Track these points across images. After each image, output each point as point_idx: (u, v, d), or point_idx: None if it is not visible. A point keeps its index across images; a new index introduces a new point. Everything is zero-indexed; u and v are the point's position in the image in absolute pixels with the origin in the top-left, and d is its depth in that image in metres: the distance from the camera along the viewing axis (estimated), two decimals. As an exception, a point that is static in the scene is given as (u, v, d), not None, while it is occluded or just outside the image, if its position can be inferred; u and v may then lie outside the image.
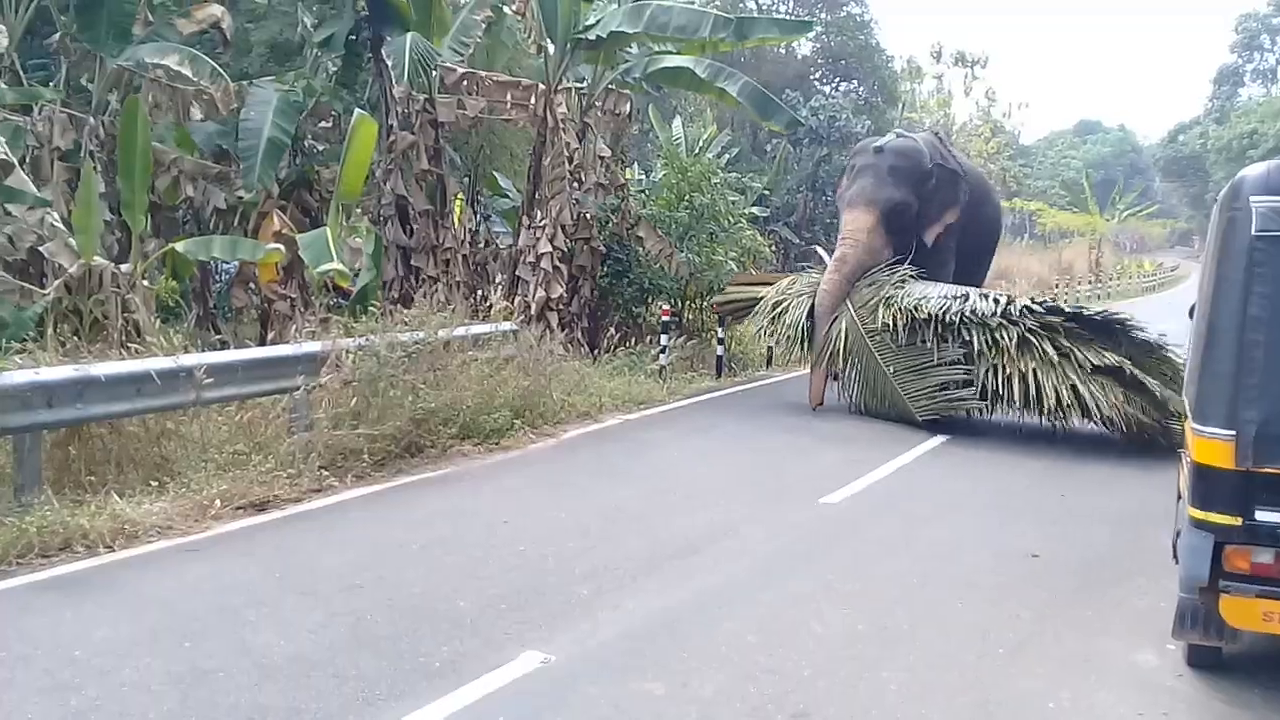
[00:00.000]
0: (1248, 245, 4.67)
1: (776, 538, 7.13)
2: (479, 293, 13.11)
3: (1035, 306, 11.06)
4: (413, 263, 12.63)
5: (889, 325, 11.42)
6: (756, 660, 5.03)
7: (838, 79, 34.58)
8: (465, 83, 13.35)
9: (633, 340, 14.21)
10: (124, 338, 8.72)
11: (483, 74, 13.67)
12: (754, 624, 5.50)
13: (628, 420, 10.95)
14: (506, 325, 11.41)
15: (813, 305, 12.39)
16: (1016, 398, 10.57)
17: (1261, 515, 4.60)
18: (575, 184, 13.59)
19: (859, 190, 12.68)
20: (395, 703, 4.50)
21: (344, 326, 9.37)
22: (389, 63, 11.95)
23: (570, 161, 13.49)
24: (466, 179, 15.79)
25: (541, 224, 13.15)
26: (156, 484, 7.35)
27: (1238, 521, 4.63)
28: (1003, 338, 10.74)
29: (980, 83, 52.73)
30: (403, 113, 12.62)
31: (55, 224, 9.48)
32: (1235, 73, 72.19)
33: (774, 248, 24.17)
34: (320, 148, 13.35)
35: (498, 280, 13.76)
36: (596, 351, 13.53)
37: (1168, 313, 14.42)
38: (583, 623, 5.45)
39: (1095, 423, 10.57)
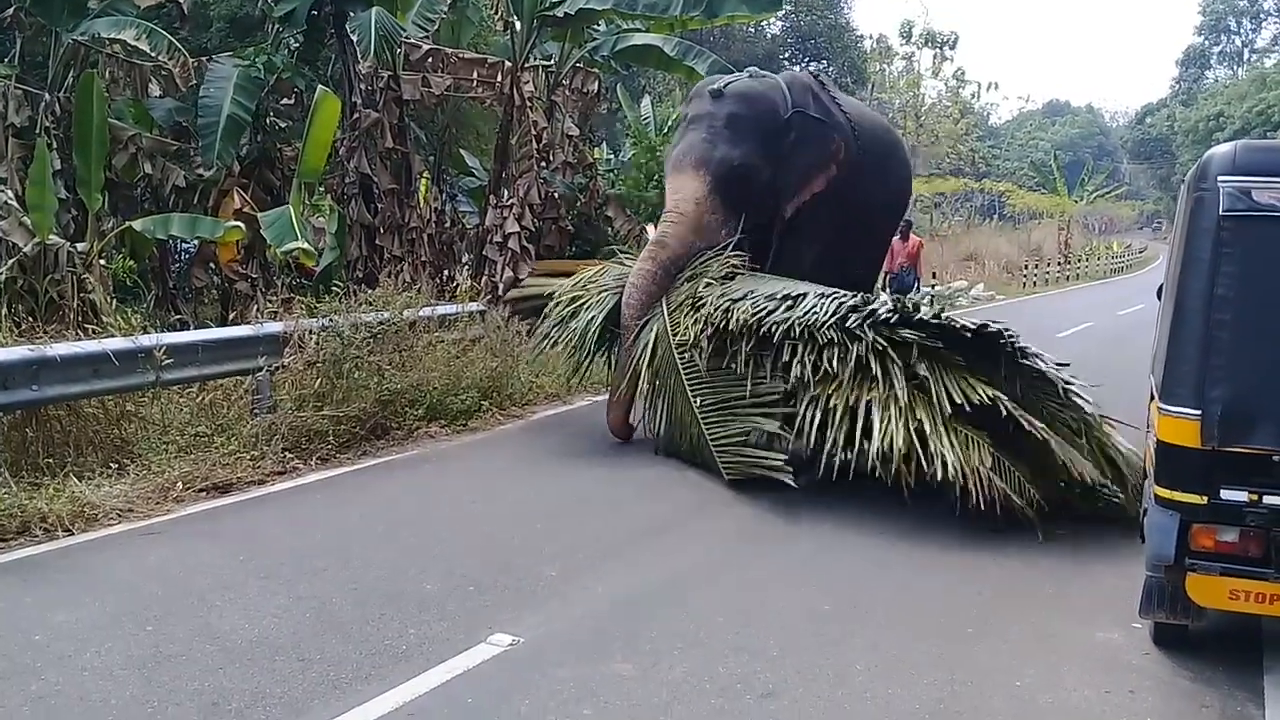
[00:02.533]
0: (1215, 225, 4.68)
1: (744, 519, 7.12)
2: (445, 273, 13.00)
3: (886, 313, 7.55)
4: (377, 242, 12.48)
5: (689, 340, 8.26)
6: (725, 639, 5.01)
7: (807, 58, 34.66)
8: (430, 60, 13.19)
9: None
10: (80, 318, 8.56)
11: (448, 51, 13.51)
12: (721, 604, 5.48)
13: (596, 402, 10.88)
14: (473, 306, 11.33)
15: (618, 306, 9.09)
16: (837, 439, 7.25)
17: (1227, 494, 4.63)
18: (543, 163, 13.46)
19: (687, 148, 9.27)
20: (362, 686, 4.45)
21: (307, 307, 9.25)
22: (353, 38, 11.75)
23: (538, 140, 13.35)
24: (432, 157, 15.64)
25: (509, 203, 13.02)
26: (116, 466, 7.25)
27: (1203, 500, 4.66)
28: (833, 359, 7.44)
29: (950, 63, 52.82)
30: (366, 90, 12.44)
31: (9, 202, 9.28)
32: (1202, 55, 72.86)
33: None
34: (282, 125, 13.13)
35: (464, 260, 13.64)
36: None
37: (1137, 294, 14.54)
38: (551, 604, 5.42)
39: (944, 486, 6.85)
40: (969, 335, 7.29)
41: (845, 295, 7.97)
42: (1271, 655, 5.05)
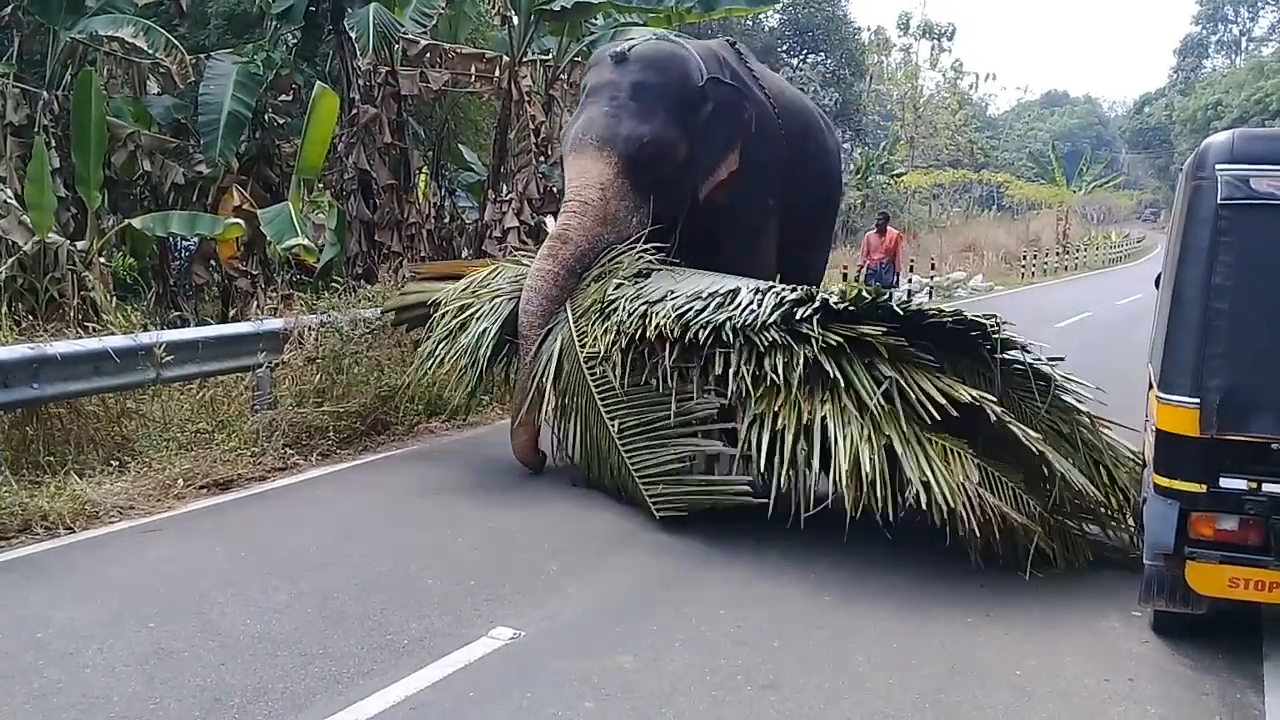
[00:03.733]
0: (1213, 214, 4.69)
1: (743, 512, 7.11)
2: (445, 268, 12.98)
3: (842, 304, 6.41)
4: (376, 238, 12.48)
5: (600, 352, 7.04)
6: (727, 632, 5.02)
7: (805, 51, 34.61)
8: (428, 55, 13.18)
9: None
10: (80, 316, 8.58)
11: (446, 46, 13.50)
12: (724, 598, 5.49)
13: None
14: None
15: (515, 313, 7.68)
16: (791, 461, 6.02)
17: (1226, 482, 4.64)
18: (541, 157, 13.44)
19: (587, 124, 7.90)
20: (363, 681, 4.46)
21: (306, 303, 9.25)
22: (350, 34, 11.74)
23: (536, 135, 13.34)
24: (431, 153, 15.62)
25: (507, 198, 13.02)
26: (117, 464, 7.25)
27: (1202, 489, 4.68)
28: (778, 366, 6.20)
29: (948, 54, 52.79)
30: (365, 86, 12.44)
31: (9, 200, 9.29)
32: (1200, 43, 72.77)
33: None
34: (281, 121, 13.14)
35: (464, 255, 13.64)
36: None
37: (1135, 284, 14.52)
38: (552, 599, 5.43)
39: (926, 516, 5.83)
40: (946, 326, 6.27)
41: (787, 289, 6.75)
42: (1271, 643, 5.07)
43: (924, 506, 5.66)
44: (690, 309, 6.75)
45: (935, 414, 5.78)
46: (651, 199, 7.88)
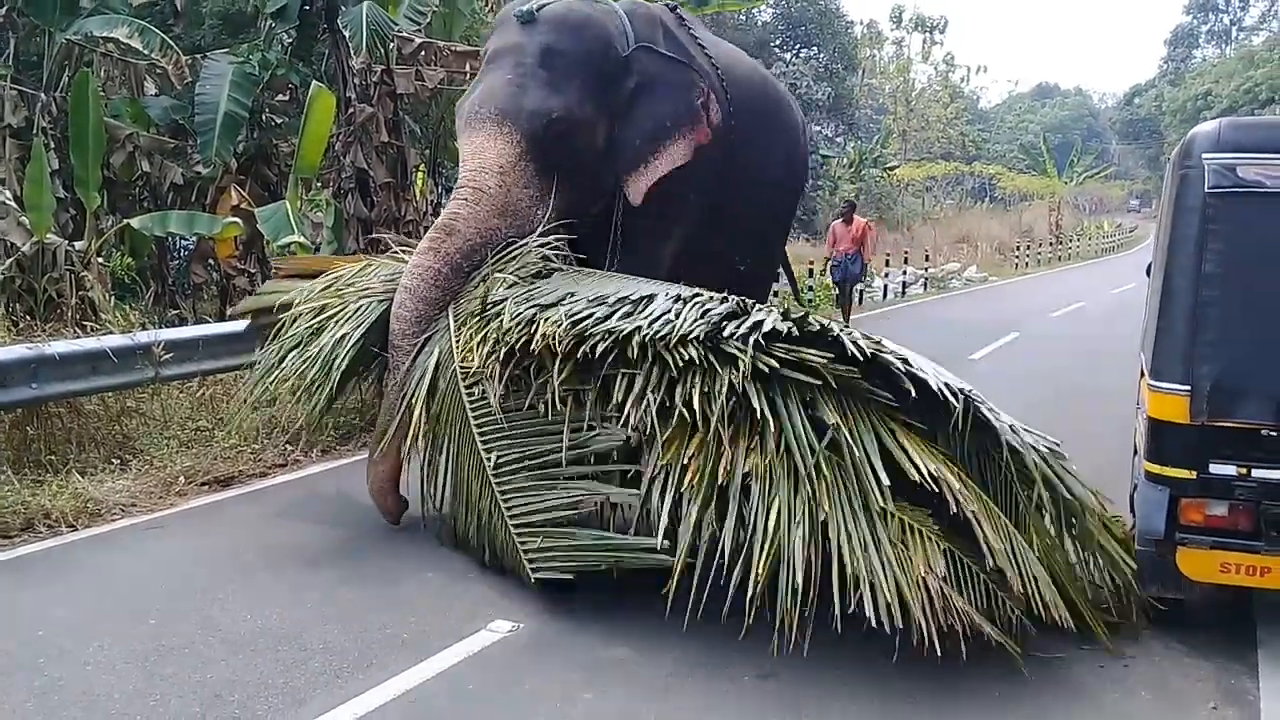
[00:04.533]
0: (1201, 202, 4.72)
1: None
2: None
3: (783, 324, 5.03)
4: (374, 236, 12.50)
5: (479, 367, 5.65)
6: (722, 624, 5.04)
7: (798, 45, 34.60)
8: (423, 53, 13.17)
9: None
10: (79, 316, 8.61)
11: (441, 44, 13.49)
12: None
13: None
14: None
15: (385, 319, 6.30)
16: (695, 534, 4.69)
17: (1216, 468, 4.67)
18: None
19: (486, 95, 6.57)
20: (363, 674, 4.50)
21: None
22: (345, 33, 11.75)
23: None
24: (428, 151, 15.63)
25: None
26: (119, 462, 7.30)
27: (1192, 475, 4.71)
28: (693, 396, 4.86)
29: (939, 48, 52.93)
30: (360, 84, 12.44)
31: (7, 202, 9.33)
32: (1190, 34, 72.83)
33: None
34: (278, 121, 13.16)
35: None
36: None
37: (1128, 273, 14.57)
38: (551, 590, 5.45)
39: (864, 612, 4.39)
40: (907, 374, 4.82)
41: (717, 298, 5.47)
42: (1265, 627, 5.11)
43: (868, 608, 4.31)
44: (590, 315, 5.42)
45: (886, 480, 4.52)
46: (562, 189, 6.56)
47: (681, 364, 4.99)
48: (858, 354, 4.85)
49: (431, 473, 5.97)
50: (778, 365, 4.78)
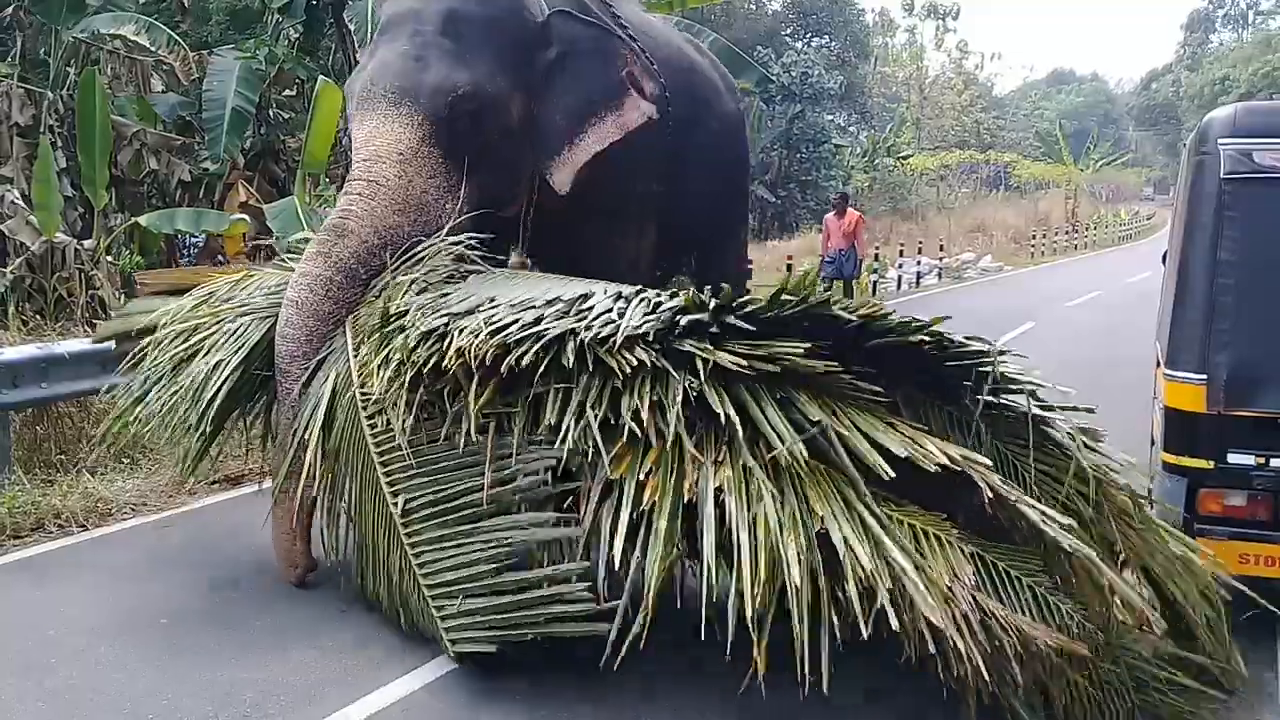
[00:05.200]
0: (1217, 189, 4.67)
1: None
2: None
3: (740, 312, 4.08)
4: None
5: (382, 393, 4.68)
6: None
7: (809, 34, 34.50)
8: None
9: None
10: (89, 314, 8.62)
11: (448, 37, 13.48)
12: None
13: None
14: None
15: (270, 339, 5.29)
16: (663, 563, 3.78)
17: (1234, 458, 4.62)
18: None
19: (380, 70, 5.63)
20: (376, 672, 4.47)
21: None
22: (351, 27, 11.75)
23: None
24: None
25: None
26: (129, 461, 7.29)
27: (1210, 465, 4.66)
28: (641, 406, 3.99)
29: (952, 35, 52.71)
30: (367, 79, 12.43)
31: (16, 201, 9.37)
32: (1206, 18, 72.26)
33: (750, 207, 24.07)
34: (285, 116, 13.17)
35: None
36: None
37: (1145, 261, 14.44)
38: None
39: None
40: (913, 347, 4.06)
41: (665, 293, 4.52)
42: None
43: (895, 628, 3.48)
44: (515, 321, 4.41)
45: (890, 472, 3.68)
46: (474, 178, 5.62)
47: (629, 370, 4.07)
48: (851, 320, 3.99)
49: (332, 522, 5.08)
50: (745, 364, 3.89)
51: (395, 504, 4.57)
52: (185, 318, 5.56)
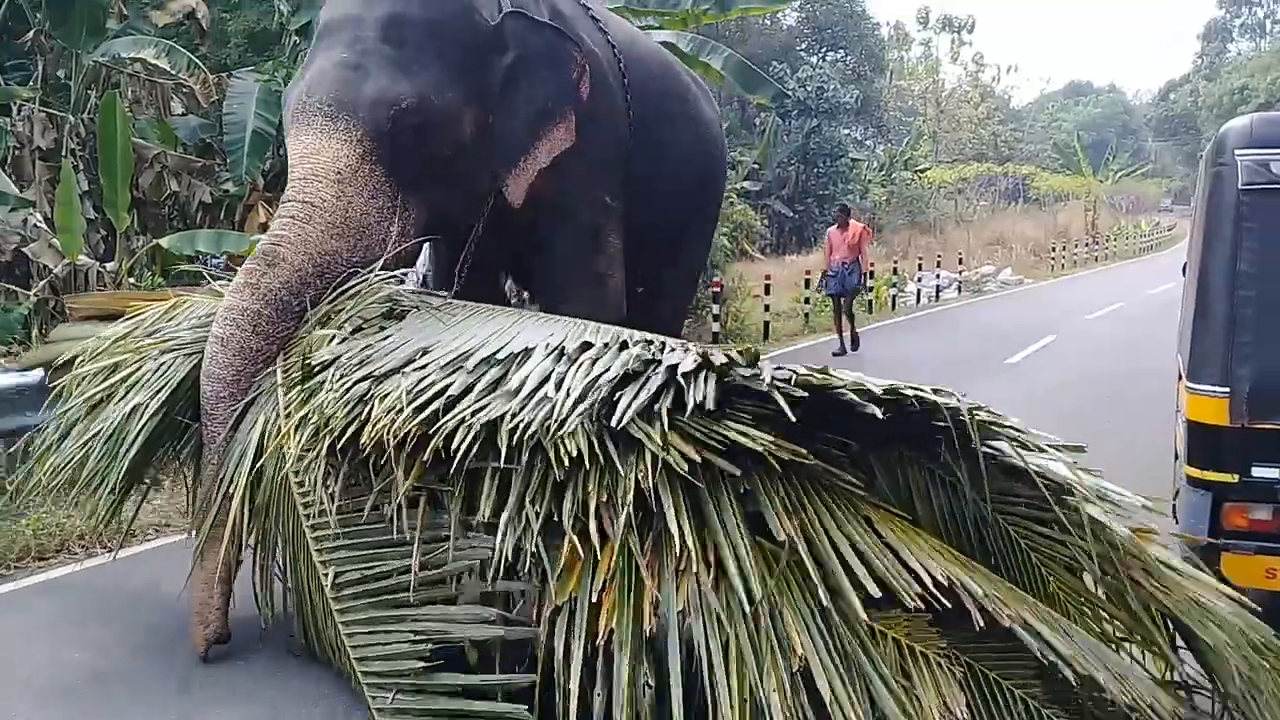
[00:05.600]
0: (1235, 200, 4.63)
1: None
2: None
3: (741, 367, 3.56)
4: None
5: (304, 456, 4.18)
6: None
7: (824, 49, 34.55)
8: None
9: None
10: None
11: (464, 57, 13.56)
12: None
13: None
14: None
15: (195, 379, 4.72)
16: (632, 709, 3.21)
17: (1259, 471, 4.57)
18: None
19: (316, 80, 5.12)
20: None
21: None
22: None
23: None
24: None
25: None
26: (151, 481, 7.29)
27: (1234, 479, 4.61)
28: (590, 499, 3.46)
29: (968, 47, 52.72)
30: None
31: (38, 224, 9.46)
32: (1224, 28, 71.91)
33: (766, 222, 24.14)
34: (305, 138, 13.25)
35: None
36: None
37: (1166, 272, 14.35)
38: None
39: None
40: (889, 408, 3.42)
41: (614, 347, 3.96)
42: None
43: None
44: (441, 391, 3.93)
45: (876, 591, 3.22)
46: (420, 198, 5.23)
47: (571, 458, 3.52)
48: (793, 396, 3.38)
49: (265, 581, 4.68)
50: (696, 458, 3.37)
51: (325, 575, 4.04)
52: (108, 349, 5.05)
